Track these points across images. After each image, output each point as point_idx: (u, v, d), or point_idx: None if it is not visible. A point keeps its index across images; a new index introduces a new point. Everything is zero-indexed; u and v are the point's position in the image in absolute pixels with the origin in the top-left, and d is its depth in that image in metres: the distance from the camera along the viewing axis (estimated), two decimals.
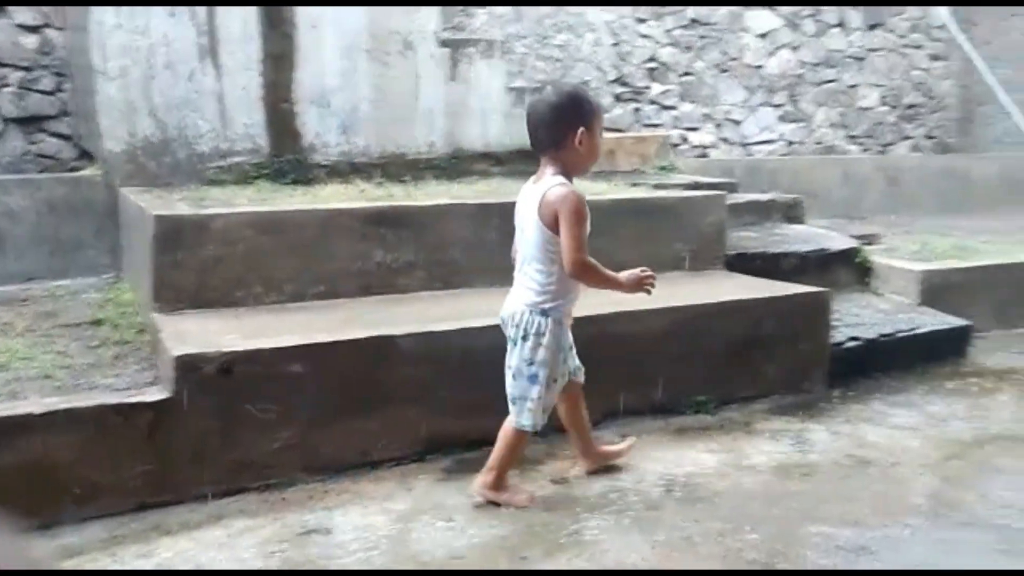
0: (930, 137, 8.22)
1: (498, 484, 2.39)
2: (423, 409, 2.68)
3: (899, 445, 2.82)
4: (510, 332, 2.39)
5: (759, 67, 7.31)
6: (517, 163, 4.74)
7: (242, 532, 2.22)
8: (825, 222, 5.40)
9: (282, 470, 2.49)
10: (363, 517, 2.30)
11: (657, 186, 4.50)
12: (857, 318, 3.82)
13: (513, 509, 2.35)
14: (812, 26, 7.46)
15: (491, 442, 2.72)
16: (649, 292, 2.49)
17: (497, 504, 2.36)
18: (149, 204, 3.25)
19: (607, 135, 5.89)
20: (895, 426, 3.00)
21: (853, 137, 7.85)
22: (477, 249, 3.41)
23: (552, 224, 2.28)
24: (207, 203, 3.34)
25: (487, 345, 2.75)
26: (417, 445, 2.66)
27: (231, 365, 2.43)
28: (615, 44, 6.68)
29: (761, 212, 4.81)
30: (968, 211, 6.45)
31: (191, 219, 3.03)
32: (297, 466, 2.51)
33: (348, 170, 4.23)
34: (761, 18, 7.24)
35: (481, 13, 6.08)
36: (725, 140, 7.32)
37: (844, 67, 7.66)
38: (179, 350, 2.42)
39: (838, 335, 3.58)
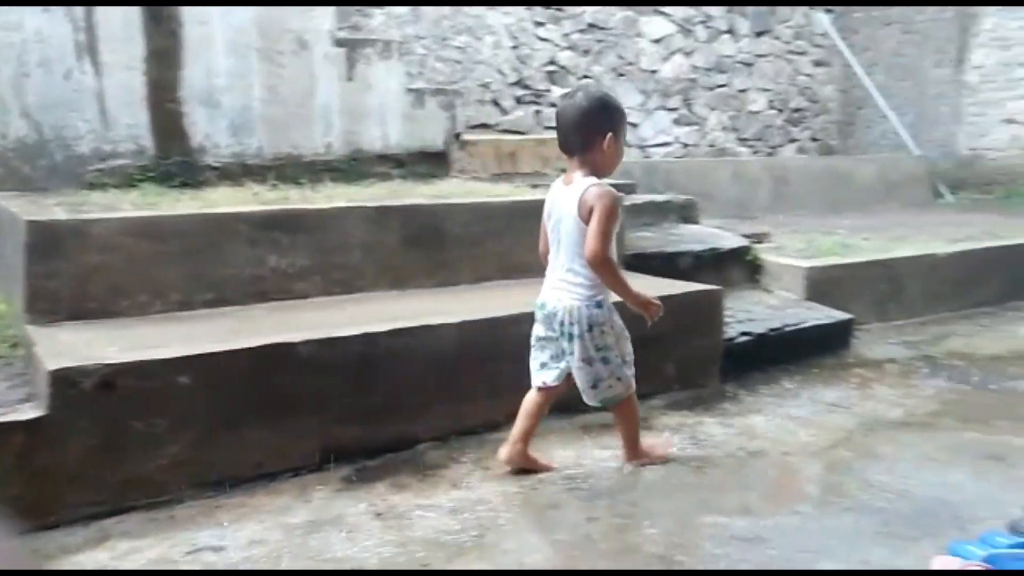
0: (815, 139, 8.62)
1: (637, 451, 2.64)
2: (322, 417, 2.62)
3: (789, 435, 2.93)
4: (568, 329, 2.51)
5: (654, 72, 7.50)
6: (418, 165, 4.71)
7: (127, 554, 2.11)
8: (718, 222, 5.58)
9: (171, 487, 2.38)
10: (258, 532, 2.22)
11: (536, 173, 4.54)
12: (748, 314, 3.96)
13: (659, 461, 2.64)
14: (704, 32, 7.71)
15: (394, 449, 2.70)
16: (648, 321, 2.64)
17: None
18: (21, 210, 3.06)
19: (508, 137, 5.93)
20: (785, 417, 3.12)
21: (743, 140, 8.15)
22: (377, 253, 3.36)
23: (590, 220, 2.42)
24: (86, 208, 3.17)
25: (387, 351, 2.72)
26: (316, 455, 2.59)
27: (112, 379, 2.30)
28: (514, 47, 6.72)
29: (658, 212, 4.93)
30: (850, 210, 6.78)
31: (67, 225, 2.86)
32: (187, 482, 2.40)
33: (240, 172, 4.10)
34: (655, 24, 7.43)
35: (378, 14, 6.00)
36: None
37: (734, 72, 7.95)
38: (54, 364, 2.27)
39: (731, 331, 3.70)
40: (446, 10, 6.32)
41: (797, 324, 3.91)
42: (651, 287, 3.51)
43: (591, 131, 2.46)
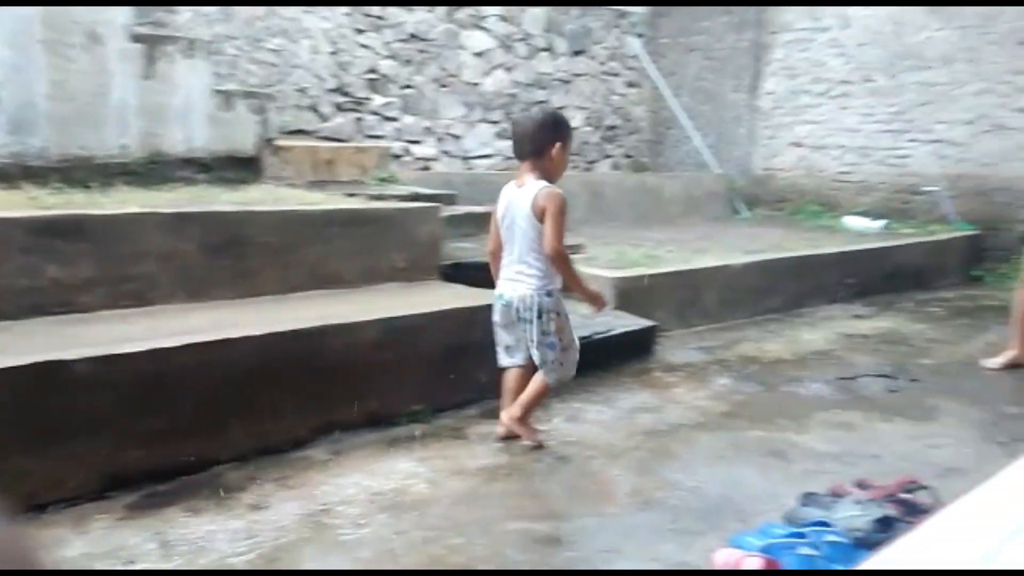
0: (628, 156, 9.06)
1: (524, 421, 2.90)
2: (103, 441, 2.41)
3: (595, 439, 3.04)
4: (523, 315, 2.85)
5: (476, 85, 7.59)
6: (226, 170, 4.49)
7: None
8: None
9: None
10: None
11: (374, 197, 4.48)
12: None
13: (528, 443, 2.89)
14: (524, 49, 7.90)
15: (189, 472, 2.54)
16: (598, 309, 3.08)
17: (518, 436, 2.90)
18: None
19: (325, 144, 5.79)
20: (591, 422, 3.23)
21: None
22: (174, 262, 3.15)
23: (544, 218, 2.75)
24: None
25: (179, 367, 2.55)
26: (96, 482, 2.38)
27: None
28: (334, 53, 6.58)
29: (478, 224, 4.97)
30: (658, 223, 7.18)
31: None
32: None
33: (19, 174, 3.72)
34: (477, 38, 7.53)
35: (185, 11, 5.68)
36: (447, 153, 7.51)
37: (553, 89, 8.21)
38: None
39: None
40: (259, 10, 6.09)
41: (605, 332, 4.07)
42: (467, 296, 3.56)
43: (544, 141, 2.82)
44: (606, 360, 3.95)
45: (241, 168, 4.61)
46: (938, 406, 3.51)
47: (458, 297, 3.56)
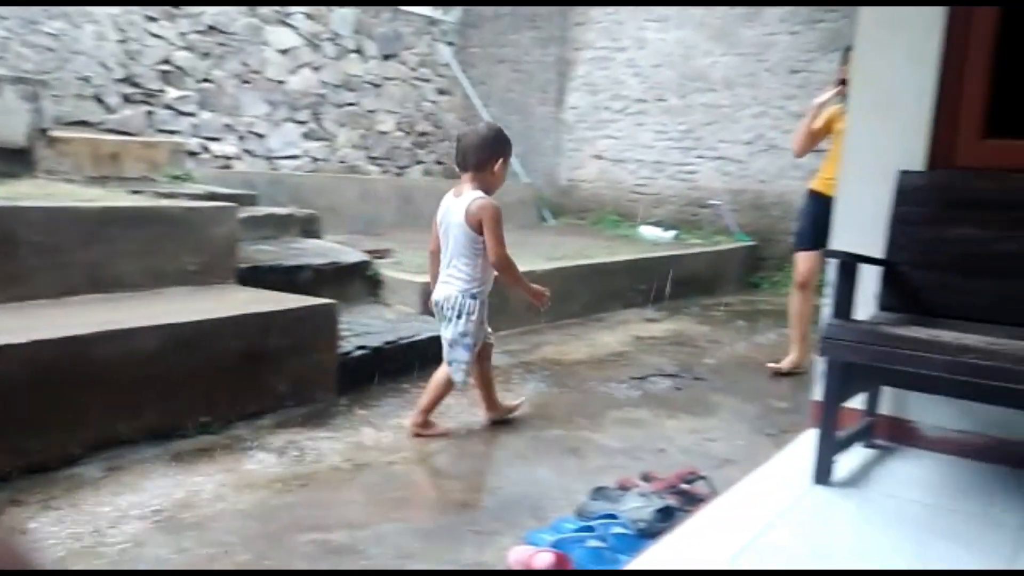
0: (440, 163, 9.11)
1: (427, 423, 3.09)
2: None
3: (397, 444, 3.00)
4: (446, 313, 3.05)
5: (281, 83, 7.33)
6: None
7: None
8: (344, 237, 5.61)
9: None
10: None
11: (163, 195, 4.19)
12: (367, 327, 4.01)
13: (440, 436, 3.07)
14: (332, 49, 7.73)
15: None
16: (540, 309, 3.32)
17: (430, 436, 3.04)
18: None
19: (109, 137, 5.35)
20: (395, 427, 3.19)
21: (373, 159, 8.33)
22: None
23: (476, 227, 2.95)
24: None
25: None
26: None
27: None
28: (122, 41, 6.10)
29: (280, 226, 4.79)
30: None
31: None
32: None
33: None
34: (282, 34, 7.27)
35: None
36: (249, 152, 7.18)
37: (363, 92, 8.09)
38: None
39: (348, 345, 3.71)
40: None
41: (412, 336, 4.05)
42: (263, 301, 3.40)
43: (488, 155, 3.01)
44: (412, 366, 3.92)
45: (10, 161, 4.15)
46: (717, 402, 3.79)
47: (253, 302, 3.40)
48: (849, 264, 2.44)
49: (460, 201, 3.00)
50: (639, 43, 8.24)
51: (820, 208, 3.84)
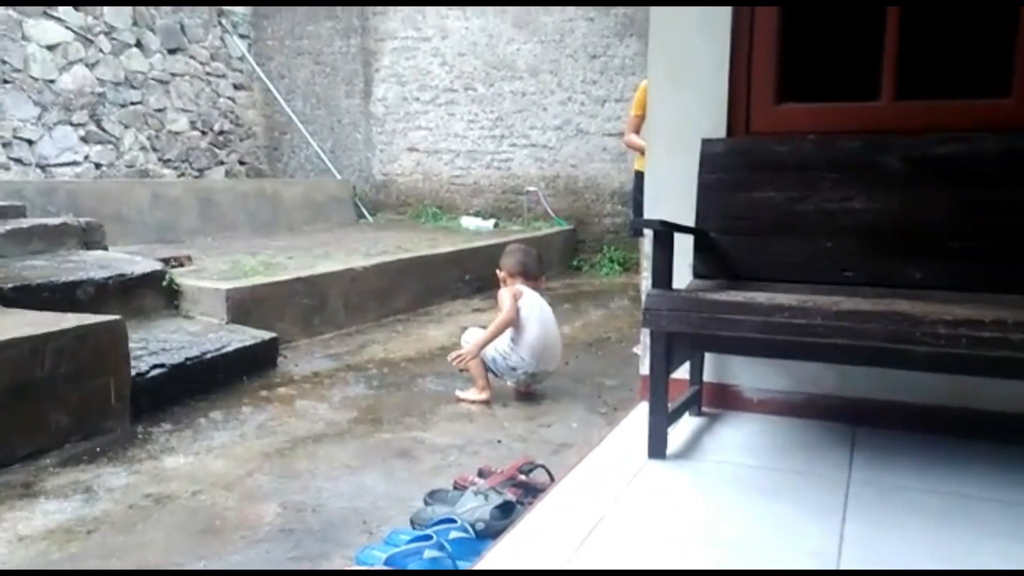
0: (243, 163, 8.56)
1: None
2: None
3: (204, 470, 2.69)
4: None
5: (51, 81, 6.56)
6: None
7: None
8: (137, 247, 5.08)
9: None
10: None
11: None
12: (164, 344, 3.61)
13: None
14: (108, 44, 7.02)
15: None
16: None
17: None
18: None
19: None
20: (202, 451, 2.86)
21: (167, 161, 7.68)
22: None
23: None
24: None
25: None
26: None
27: None
28: None
29: (52, 238, 4.23)
30: (279, 232, 6.86)
31: None
32: None
33: None
34: (46, 29, 6.50)
35: None
36: (18, 161, 6.38)
37: (149, 89, 7.43)
38: None
39: (143, 364, 3.31)
40: None
41: (219, 349, 3.69)
42: (30, 323, 2.95)
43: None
44: (221, 381, 3.59)
45: None
46: (548, 386, 3.73)
47: (18, 324, 2.94)
48: (663, 233, 2.41)
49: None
50: (442, 32, 8.13)
51: None
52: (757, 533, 1.92)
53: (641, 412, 2.87)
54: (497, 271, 3.78)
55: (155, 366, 3.34)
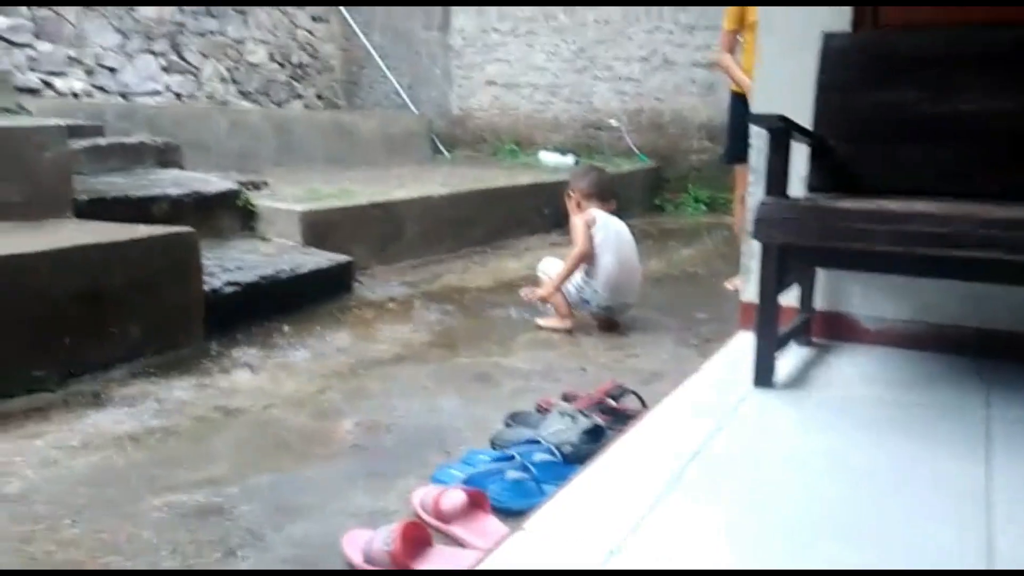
0: (320, 97, 8.45)
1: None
2: None
3: (276, 386, 2.57)
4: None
5: (132, 9, 6.51)
6: None
7: None
8: (216, 175, 5.01)
9: None
10: None
11: None
12: (239, 263, 3.51)
13: None
14: None
15: None
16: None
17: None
18: None
19: None
20: (274, 368, 2.75)
21: (246, 94, 7.61)
22: None
23: None
24: None
25: None
26: None
27: None
28: None
29: (130, 156, 4.17)
30: (354, 165, 6.72)
31: None
32: None
33: None
34: None
35: None
36: (101, 89, 6.38)
37: (227, 18, 7.33)
38: None
39: (216, 282, 3.21)
40: None
41: (293, 270, 3.58)
42: (100, 233, 2.86)
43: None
44: (296, 302, 3.47)
45: None
46: (634, 318, 3.50)
47: (90, 234, 2.85)
48: (780, 131, 2.12)
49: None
50: None
51: (745, 109, 3.56)
52: (889, 465, 1.68)
53: (741, 342, 2.62)
54: (567, 195, 3.51)
55: (229, 283, 3.24)
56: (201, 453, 2.06)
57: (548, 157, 7.41)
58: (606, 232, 3.32)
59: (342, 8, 8.22)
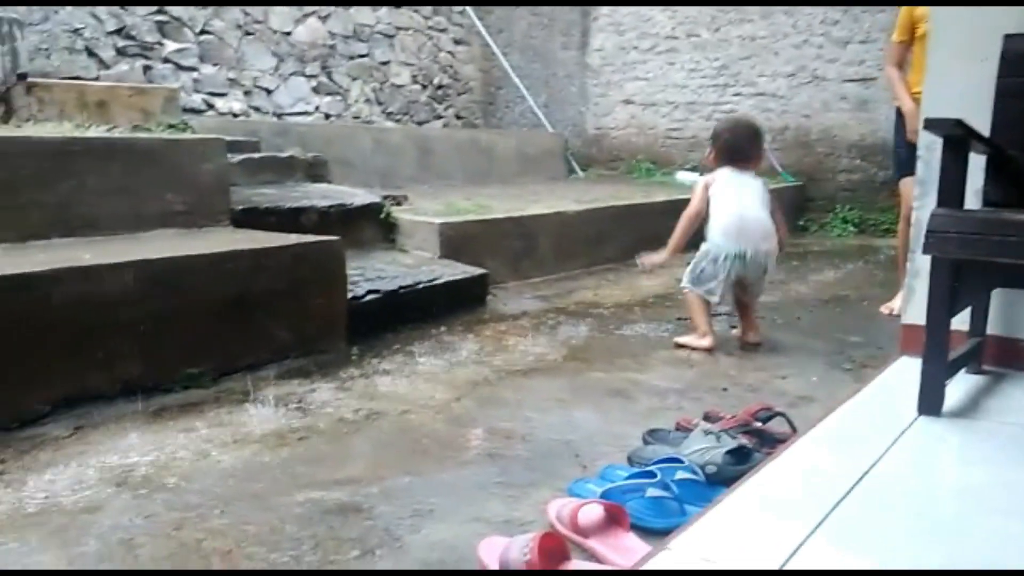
0: (459, 117, 8.65)
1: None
2: None
3: (413, 393, 2.59)
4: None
5: (288, 33, 6.90)
6: None
7: None
8: (361, 189, 5.20)
9: None
10: None
11: (140, 128, 3.79)
12: (380, 272, 3.60)
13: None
14: None
15: None
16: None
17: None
18: None
19: (95, 84, 4.97)
20: (412, 375, 2.78)
21: (389, 113, 7.89)
22: None
23: None
24: None
25: None
26: None
27: None
28: None
29: (281, 170, 4.39)
30: (491, 182, 6.82)
31: None
32: None
33: None
34: None
35: None
36: (257, 109, 6.78)
37: (375, 43, 7.64)
38: None
39: (359, 290, 3.31)
40: None
41: (431, 281, 3.63)
42: (254, 240, 3.00)
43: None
44: (432, 312, 3.52)
45: None
46: (780, 339, 3.33)
47: (244, 241, 2.99)
48: (957, 139, 1.95)
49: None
50: None
51: None
52: None
53: (902, 367, 2.44)
54: (707, 153, 3.39)
55: (370, 291, 3.32)
56: (341, 453, 2.10)
57: (685, 176, 7.25)
58: (725, 184, 3.17)
59: (483, 30, 8.40)
